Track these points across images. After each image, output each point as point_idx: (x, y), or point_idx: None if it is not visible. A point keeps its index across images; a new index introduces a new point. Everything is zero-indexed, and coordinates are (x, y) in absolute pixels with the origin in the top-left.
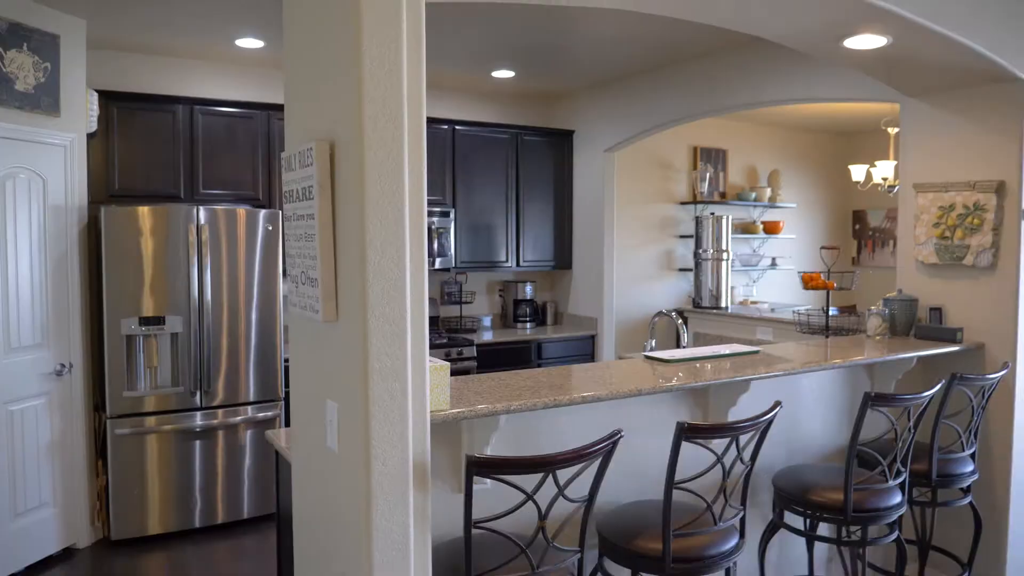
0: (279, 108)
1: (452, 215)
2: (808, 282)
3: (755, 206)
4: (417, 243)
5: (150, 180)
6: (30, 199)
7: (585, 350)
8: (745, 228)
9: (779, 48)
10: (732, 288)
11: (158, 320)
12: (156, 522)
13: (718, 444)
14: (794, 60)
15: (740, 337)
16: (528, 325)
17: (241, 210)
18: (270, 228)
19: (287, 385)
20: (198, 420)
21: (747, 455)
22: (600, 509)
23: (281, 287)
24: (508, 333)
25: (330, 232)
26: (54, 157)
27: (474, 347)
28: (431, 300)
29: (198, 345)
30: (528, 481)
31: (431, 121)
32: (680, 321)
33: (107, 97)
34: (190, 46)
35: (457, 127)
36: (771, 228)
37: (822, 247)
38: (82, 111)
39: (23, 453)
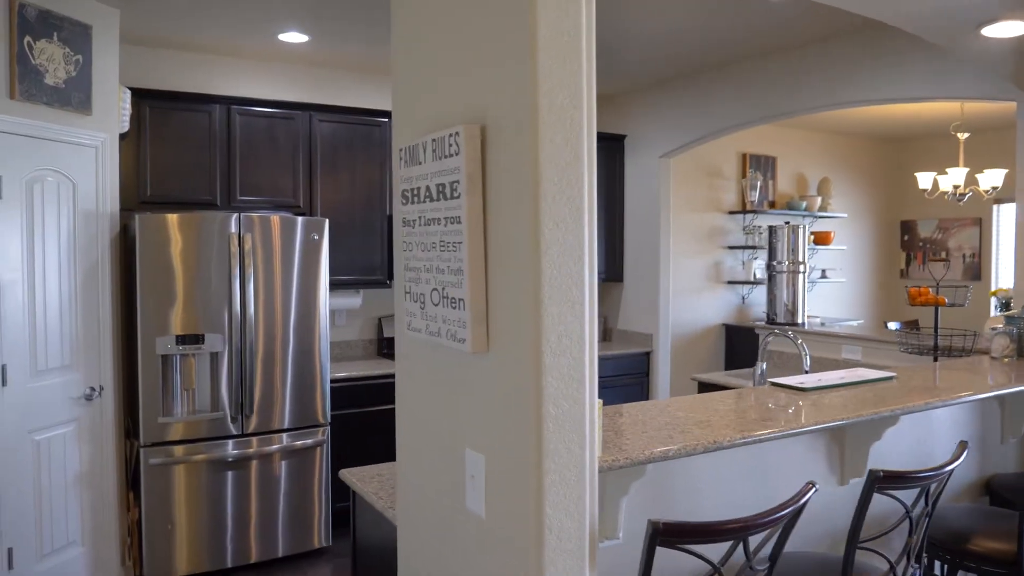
0: (322, 109)
1: None
2: (916, 298)
3: (804, 215)
4: (591, 254)
5: (184, 185)
6: (59, 204)
7: (639, 368)
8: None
9: (852, 46)
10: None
11: (196, 338)
12: (193, 560)
13: (906, 493)
14: (868, 59)
15: (824, 357)
16: None
17: (285, 218)
18: (315, 237)
19: (333, 409)
20: (238, 448)
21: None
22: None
23: (324, 302)
24: None
25: (481, 239)
26: (84, 159)
27: None
28: None
29: (239, 366)
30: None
31: None
32: (800, 341)
33: (139, 95)
34: (228, 41)
35: None
36: (821, 239)
37: (930, 259)
38: (114, 109)
39: (50, 487)
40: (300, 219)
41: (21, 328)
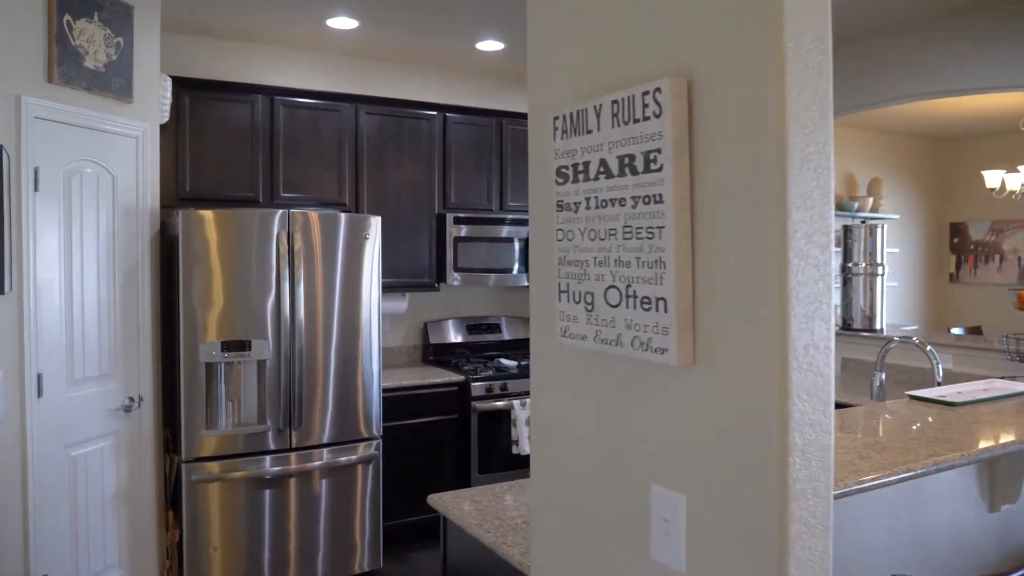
0: (369, 100)
1: None
2: None
3: (855, 217)
4: (832, 243)
5: (224, 181)
6: (98, 198)
7: None
8: None
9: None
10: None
11: (242, 345)
12: None
13: None
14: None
15: (910, 366)
16: None
17: (333, 216)
18: (366, 237)
19: (385, 420)
20: (286, 463)
21: None
22: None
23: (376, 307)
24: None
25: (688, 222)
26: (124, 150)
27: None
28: (525, 320)
29: (288, 374)
30: None
31: (512, 116)
32: (929, 349)
33: (178, 84)
34: (273, 27)
35: None
36: None
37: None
38: (155, 97)
39: (86, 507)
40: (349, 217)
41: (58, 333)
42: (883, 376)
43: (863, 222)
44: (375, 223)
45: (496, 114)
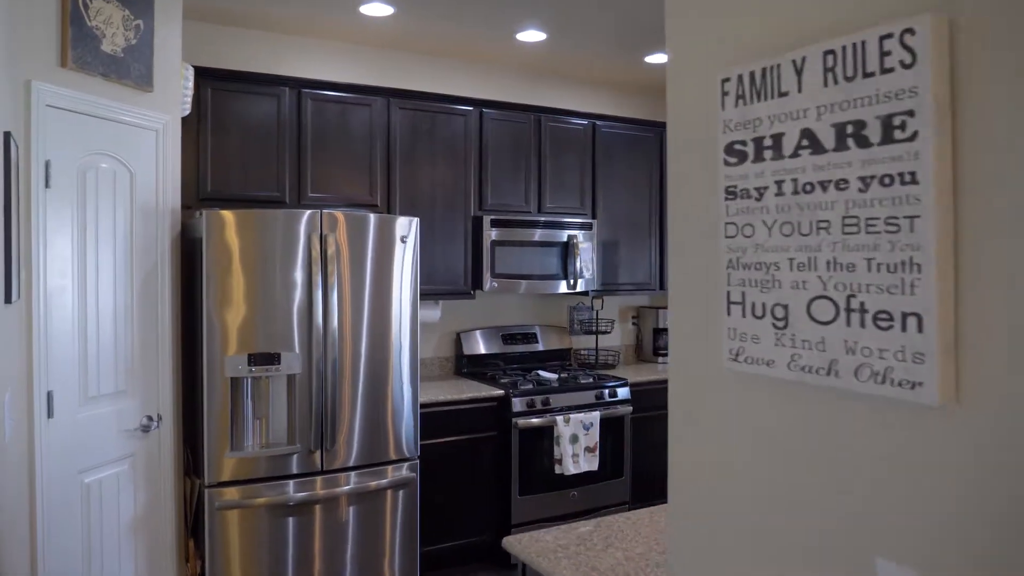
0: (401, 94)
1: (593, 228)
2: None
3: None
4: None
5: (248, 179)
6: (115, 196)
7: None
8: None
9: None
10: None
11: (271, 358)
12: None
13: None
14: None
15: None
16: (668, 359)
17: (368, 217)
18: (404, 239)
19: (422, 438)
20: (319, 487)
21: None
22: None
23: (414, 315)
24: (648, 370)
25: (952, 209)
26: (144, 144)
27: (627, 387)
28: (560, 329)
29: (320, 390)
30: None
31: (567, 115)
32: None
33: (200, 75)
34: (301, 15)
35: (598, 123)
36: None
37: None
38: (177, 87)
39: (100, 538)
40: (384, 218)
41: (70, 346)
42: None
43: None
44: (412, 225)
45: (535, 110)
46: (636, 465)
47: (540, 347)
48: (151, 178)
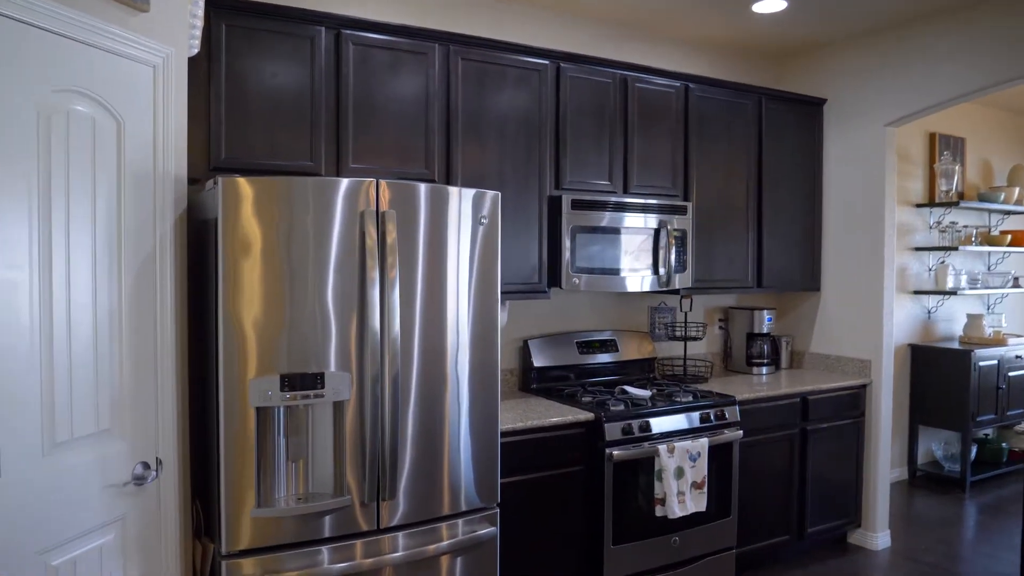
0: (465, 41)
1: (689, 212)
2: None
3: (1000, 211)
4: None
5: (275, 145)
6: (95, 156)
7: (851, 407)
8: (987, 239)
9: None
10: (980, 317)
11: (311, 380)
12: None
13: None
14: None
15: None
16: (764, 370)
17: (437, 190)
18: (484, 220)
19: (502, 475)
20: (372, 553)
21: None
22: None
23: (496, 318)
24: (743, 383)
25: None
26: (137, 83)
27: (736, 407)
28: (640, 335)
29: (377, 420)
30: None
31: (657, 74)
32: None
33: (212, 4)
34: None
35: (691, 86)
36: (1018, 239)
37: None
38: (183, 13)
39: None
40: (458, 192)
41: (27, 369)
42: None
43: None
44: (494, 201)
45: (620, 66)
46: (744, 501)
47: (621, 357)
48: (146, 131)
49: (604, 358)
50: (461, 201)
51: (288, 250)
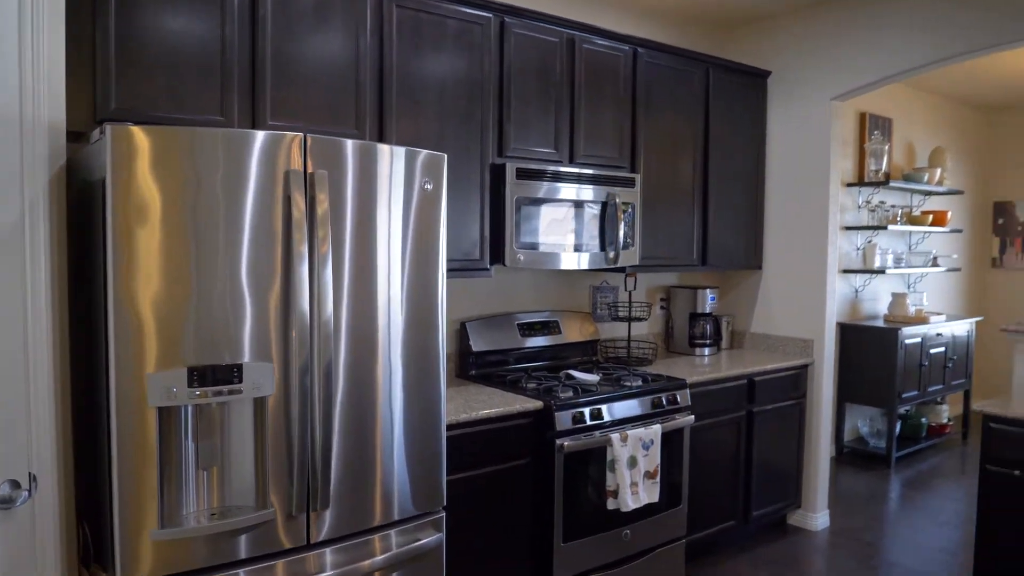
0: None
1: (637, 185)
2: None
3: (922, 191)
4: None
5: (177, 94)
6: None
7: (793, 388)
8: (911, 219)
9: None
10: (904, 296)
11: (226, 373)
12: None
13: None
14: None
15: None
16: (706, 351)
17: (378, 148)
18: (428, 186)
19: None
20: (310, 573)
21: None
22: None
23: (441, 298)
24: (687, 364)
25: None
26: None
27: (687, 391)
28: (582, 315)
29: (306, 419)
30: None
31: (605, 36)
32: None
33: None
34: None
35: (640, 50)
36: (939, 219)
37: None
38: None
39: None
40: (402, 153)
41: None
42: None
43: None
44: (439, 164)
45: (568, 25)
46: (695, 488)
47: (564, 339)
48: (8, 67)
49: (546, 341)
50: (404, 163)
51: (195, 216)
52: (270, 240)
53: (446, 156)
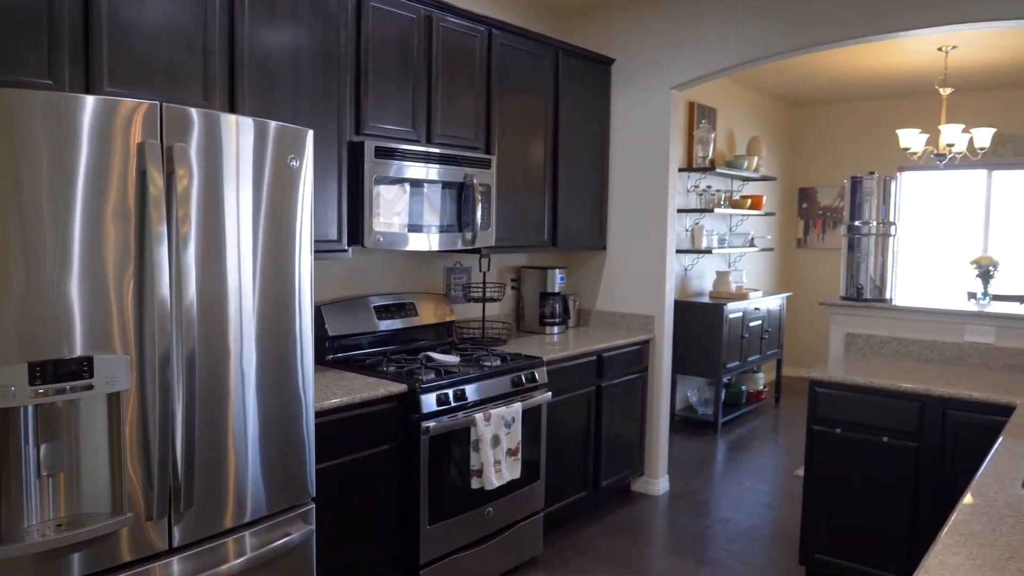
0: None
1: (493, 166)
2: None
3: (742, 177)
4: None
5: None
6: None
7: (637, 362)
8: (732, 203)
9: None
10: (727, 274)
11: (72, 367)
12: None
13: None
14: None
15: (940, 340)
16: (555, 329)
17: (248, 122)
18: (294, 163)
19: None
20: None
21: None
22: None
23: (306, 280)
24: (539, 342)
25: None
26: None
27: (544, 368)
28: (437, 297)
29: (167, 414)
30: None
31: (460, 15)
32: None
33: None
34: None
35: (495, 32)
36: (756, 203)
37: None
38: None
39: None
40: (266, 126)
41: None
42: None
43: (871, 174)
44: (306, 140)
45: (423, 0)
46: (551, 462)
47: (420, 321)
48: None
49: (403, 323)
50: (278, 138)
51: (27, 190)
52: (121, 220)
53: (312, 132)
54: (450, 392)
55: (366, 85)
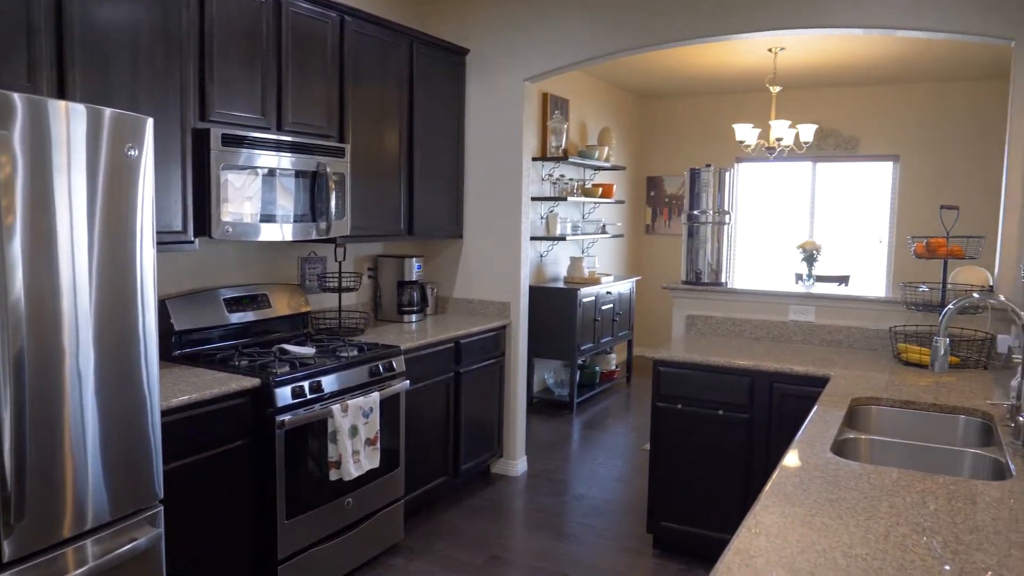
0: None
1: (347, 155)
2: (937, 249)
3: (593, 166)
4: None
5: None
6: None
7: (494, 348)
8: (585, 191)
9: None
10: (580, 260)
11: None
12: None
13: None
14: None
15: (768, 320)
16: (414, 317)
17: (79, 108)
18: (132, 152)
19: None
20: None
21: None
22: None
23: (148, 273)
24: (397, 331)
25: None
26: None
27: (402, 357)
28: (291, 287)
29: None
30: None
31: (310, 0)
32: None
33: None
34: None
35: (347, 19)
36: (607, 191)
37: (942, 206)
38: None
39: None
40: (100, 113)
41: None
42: (947, 343)
43: (708, 166)
44: (146, 128)
45: None
46: (410, 449)
47: (274, 313)
48: None
49: (255, 315)
50: (114, 126)
51: None
52: None
53: (151, 120)
54: (306, 384)
55: (211, 70)
